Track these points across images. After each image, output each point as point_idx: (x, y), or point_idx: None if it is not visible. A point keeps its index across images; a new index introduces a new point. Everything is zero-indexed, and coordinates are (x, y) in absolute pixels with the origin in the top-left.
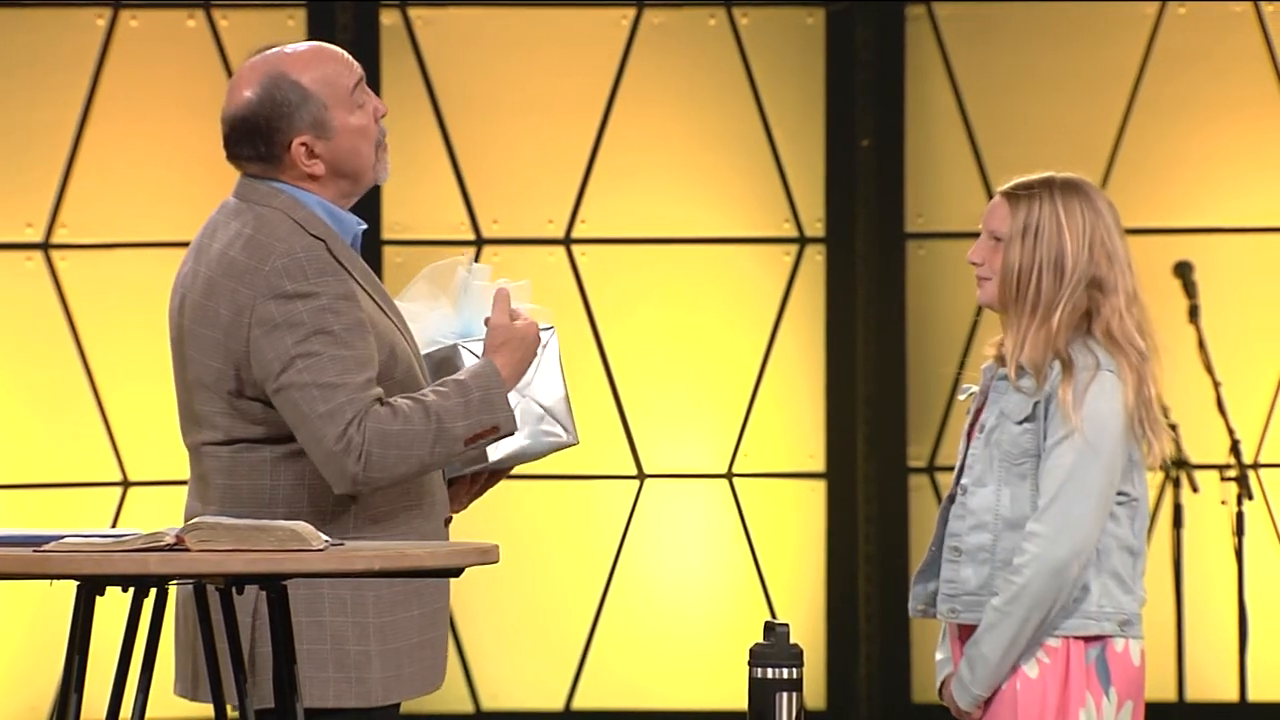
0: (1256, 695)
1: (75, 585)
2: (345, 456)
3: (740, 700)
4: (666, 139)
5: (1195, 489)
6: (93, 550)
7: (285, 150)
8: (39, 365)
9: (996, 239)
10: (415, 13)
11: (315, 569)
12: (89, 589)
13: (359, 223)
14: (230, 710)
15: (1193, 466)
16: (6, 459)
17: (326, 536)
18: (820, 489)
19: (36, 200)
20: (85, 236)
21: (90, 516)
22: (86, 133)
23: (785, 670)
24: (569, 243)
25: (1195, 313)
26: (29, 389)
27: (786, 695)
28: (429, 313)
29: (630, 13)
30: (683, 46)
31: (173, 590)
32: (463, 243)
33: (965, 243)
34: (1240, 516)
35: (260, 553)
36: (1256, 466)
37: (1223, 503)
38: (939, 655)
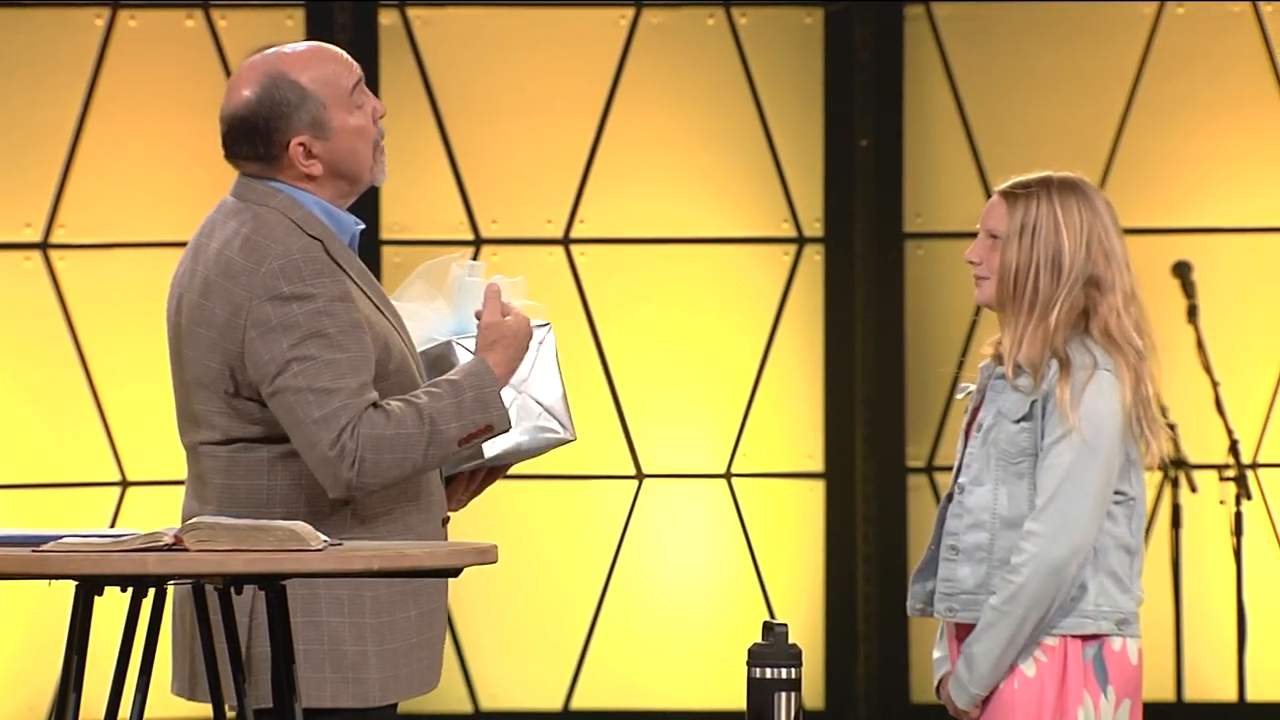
0: (1255, 695)
1: (74, 585)
2: (339, 463)
3: (739, 700)
4: (665, 139)
5: (1194, 489)
6: (91, 550)
7: (283, 150)
8: (38, 365)
9: (994, 238)
10: (414, 13)
11: (314, 569)
12: (87, 589)
13: (357, 223)
14: (228, 710)
15: (1191, 466)
16: (5, 459)
17: (325, 536)
18: (819, 489)
19: (35, 200)
20: (84, 236)
21: (89, 516)
22: (85, 133)
23: (784, 670)
24: (568, 243)
25: (1194, 313)
26: (28, 389)
27: (785, 695)
28: (426, 311)
29: (629, 13)
30: (681, 46)
31: (170, 590)
32: (461, 243)
33: (964, 242)
34: (1239, 516)
35: (259, 553)
36: (1255, 466)
37: (1221, 503)
38: (936, 654)
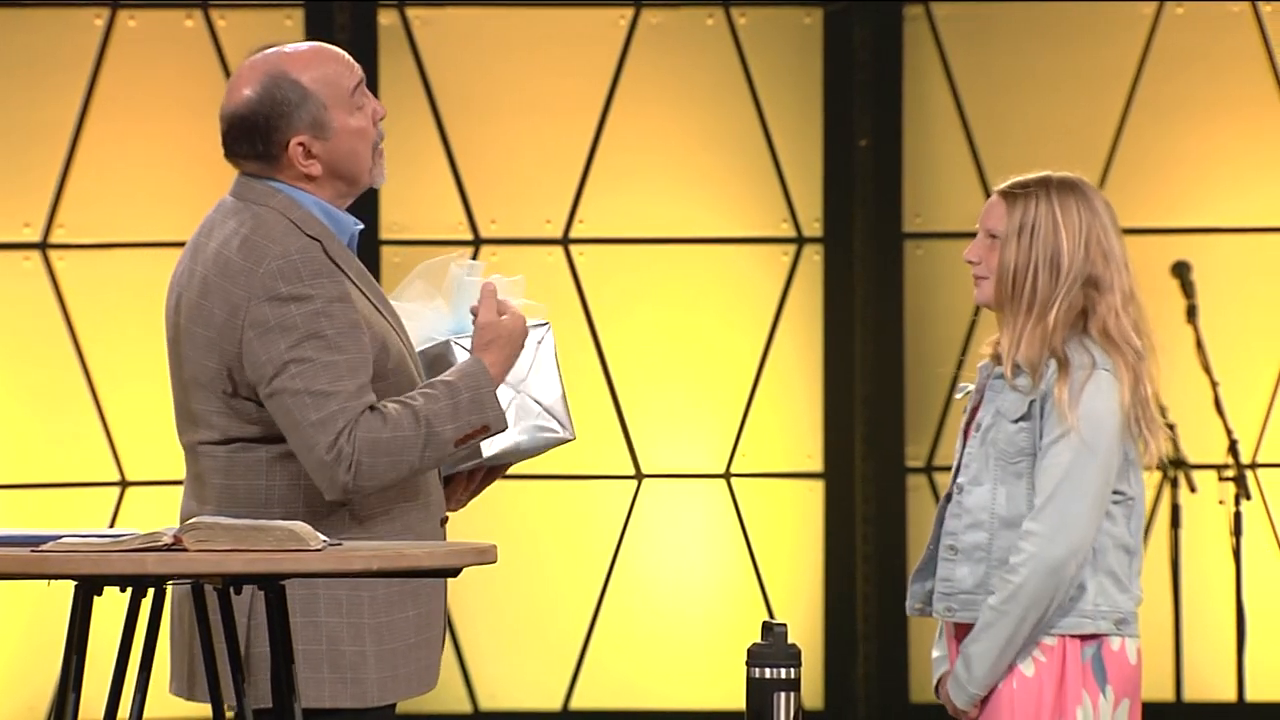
0: (1254, 695)
1: (73, 585)
2: (336, 466)
3: (738, 700)
4: (664, 139)
5: (1193, 489)
6: (90, 550)
7: (283, 149)
8: (37, 365)
9: (993, 238)
10: (413, 13)
11: (313, 569)
12: (87, 589)
13: (356, 223)
14: (227, 710)
15: (1191, 466)
16: (5, 459)
17: (324, 536)
18: (818, 489)
19: (34, 200)
20: (83, 236)
21: (88, 516)
22: (84, 132)
23: (783, 670)
24: (567, 243)
25: (1193, 313)
26: (27, 389)
27: (784, 695)
28: (425, 311)
29: (628, 13)
30: (681, 46)
31: (169, 590)
32: (461, 243)
33: (963, 242)
34: (1238, 516)
35: (258, 553)
36: (1254, 466)
37: (1220, 503)
38: (935, 654)
